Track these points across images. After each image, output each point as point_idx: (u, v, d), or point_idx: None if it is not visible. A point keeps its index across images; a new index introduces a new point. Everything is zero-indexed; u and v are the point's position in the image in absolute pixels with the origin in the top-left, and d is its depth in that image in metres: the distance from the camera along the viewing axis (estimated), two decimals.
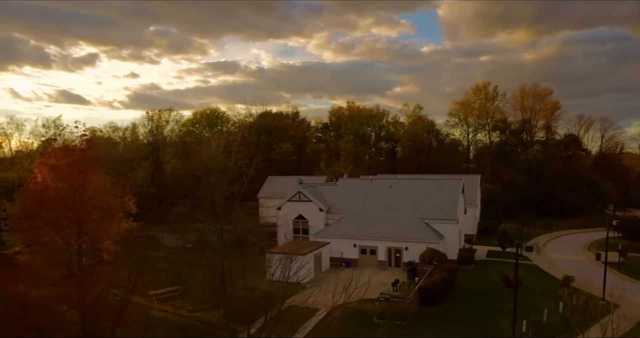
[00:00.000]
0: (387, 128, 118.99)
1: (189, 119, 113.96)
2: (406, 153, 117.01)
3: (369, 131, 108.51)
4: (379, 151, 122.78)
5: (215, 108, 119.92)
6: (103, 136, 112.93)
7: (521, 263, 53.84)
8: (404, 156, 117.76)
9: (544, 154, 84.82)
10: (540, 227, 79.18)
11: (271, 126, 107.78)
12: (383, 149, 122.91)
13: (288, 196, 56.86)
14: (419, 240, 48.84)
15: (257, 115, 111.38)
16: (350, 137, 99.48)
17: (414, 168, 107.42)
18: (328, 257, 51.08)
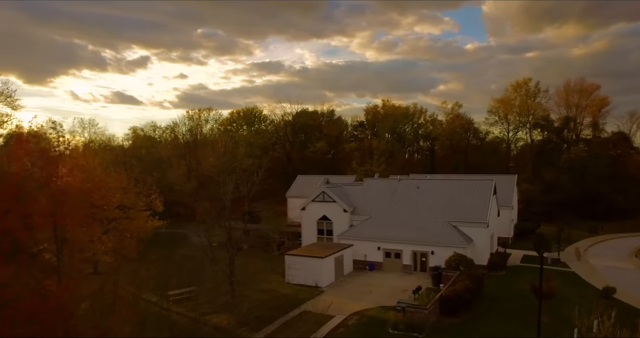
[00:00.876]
0: (425, 126, 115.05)
1: (226, 117, 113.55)
2: (444, 152, 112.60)
3: (404, 129, 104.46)
4: (418, 150, 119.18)
5: (253, 107, 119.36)
6: (144, 135, 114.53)
7: (558, 271, 49.69)
8: (443, 155, 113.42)
9: (588, 152, 78.67)
10: (584, 230, 73.60)
11: (306, 125, 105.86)
12: (421, 148, 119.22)
13: (312, 196, 54.58)
14: (445, 244, 45.50)
15: (293, 113, 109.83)
16: (384, 136, 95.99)
17: (452, 167, 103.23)
18: (351, 260, 48.48)
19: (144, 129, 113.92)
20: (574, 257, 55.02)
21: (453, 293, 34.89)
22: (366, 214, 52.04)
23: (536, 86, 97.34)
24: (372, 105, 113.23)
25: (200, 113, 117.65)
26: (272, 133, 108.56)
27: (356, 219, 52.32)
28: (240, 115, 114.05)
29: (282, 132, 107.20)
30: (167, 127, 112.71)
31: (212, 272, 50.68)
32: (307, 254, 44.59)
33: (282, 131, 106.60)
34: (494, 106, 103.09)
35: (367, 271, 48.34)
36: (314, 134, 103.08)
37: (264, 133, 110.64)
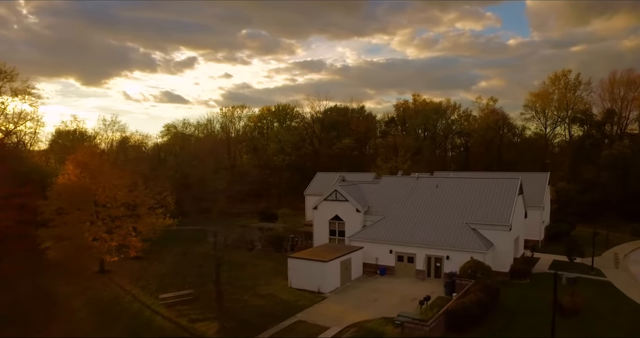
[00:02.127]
0: (460, 122, 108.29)
1: (256, 114, 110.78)
2: (478, 148, 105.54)
3: (435, 125, 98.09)
4: (453, 146, 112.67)
5: (285, 104, 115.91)
6: (177, 132, 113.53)
7: (591, 280, 43.37)
8: (476, 152, 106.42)
9: (632, 148, 70.28)
10: (626, 232, 65.83)
11: (336, 121, 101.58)
12: (456, 144, 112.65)
13: (325, 195, 50.39)
14: (462, 248, 40.33)
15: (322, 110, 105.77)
16: (414, 132, 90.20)
17: (485, 164, 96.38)
18: (361, 263, 44.08)
19: (177, 126, 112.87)
20: (612, 264, 48.38)
21: (461, 306, 29.98)
22: (380, 214, 47.42)
23: (576, 78, 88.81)
24: (402, 101, 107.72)
25: (233, 110, 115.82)
26: (302, 129, 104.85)
27: (370, 220, 47.80)
28: (270, 112, 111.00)
29: (310, 129, 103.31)
30: (198, 124, 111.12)
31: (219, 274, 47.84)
32: (310, 257, 40.53)
33: (311, 128, 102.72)
34: (530, 100, 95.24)
35: (378, 276, 43.83)
36: (342, 130, 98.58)
37: (295, 130, 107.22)
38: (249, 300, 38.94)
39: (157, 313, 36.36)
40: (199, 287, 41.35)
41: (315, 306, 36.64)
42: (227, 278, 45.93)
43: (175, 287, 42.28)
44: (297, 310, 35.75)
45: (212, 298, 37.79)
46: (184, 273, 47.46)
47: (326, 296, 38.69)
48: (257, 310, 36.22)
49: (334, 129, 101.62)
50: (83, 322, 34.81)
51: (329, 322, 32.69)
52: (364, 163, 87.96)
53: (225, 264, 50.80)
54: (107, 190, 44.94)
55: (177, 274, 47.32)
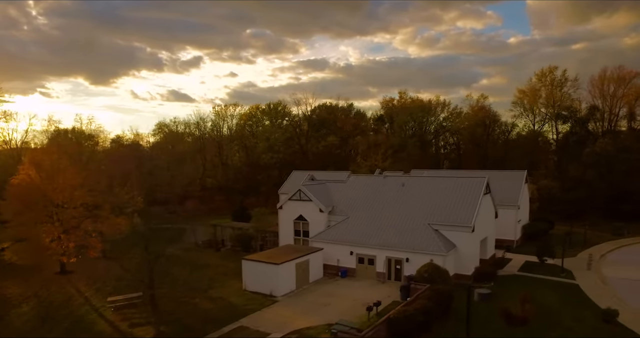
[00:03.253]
0: (452, 119, 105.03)
1: (245, 112, 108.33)
2: (467, 146, 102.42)
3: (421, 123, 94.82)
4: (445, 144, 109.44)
5: (277, 102, 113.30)
6: (169, 130, 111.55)
7: (559, 283, 40.59)
8: (466, 149, 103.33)
9: (616, 145, 66.89)
10: (609, 231, 62.71)
11: (324, 119, 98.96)
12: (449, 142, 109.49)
13: (289, 194, 48.00)
14: (421, 250, 37.78)
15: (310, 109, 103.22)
16: (399, 130, 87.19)
17: (475, 162, 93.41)
18: (321, 265, 41.66)
19: (168, 125, 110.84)
20: (585, 265, 45.47)
21: (402, 314, 27.46)
22: (344, 215, 44.98)
23: (563, 75, 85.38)
24: (388, 98, 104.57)
25: (225, 109, 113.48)
26: (290, 128, 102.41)
27: (334, 220, 45.39)
28: (260, 110, 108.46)
29: (298, 127, 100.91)
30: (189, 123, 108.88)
31: (178, 275, 45.70)
32: (263, 260, 38.18)
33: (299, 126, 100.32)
34: (518, 97, 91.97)
35: (339, 278, 41.42)
36: (329, 128, 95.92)
37: (286, 127, 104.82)
38: (198, 303, 36.75)
39: (102, 317, 34.41)
40: (160, 290, 39.23)
41: (264, 310, 34.42)
42: (185, 279, 44.02)
43: (131, 289, 40.14)
44: (243, 314, 33.57)
45: (161, 301, 36.00)
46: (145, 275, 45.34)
47: (278, 300, 36.42)
48: (203, 314, 34.07)
49: (322, 127, 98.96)
50: (24, 325, 32.99)
51: (271, 328, 30.45)
52: (348, 161, 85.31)
53: (189, 265, 49.23)
54: (63, 190, 42.80)
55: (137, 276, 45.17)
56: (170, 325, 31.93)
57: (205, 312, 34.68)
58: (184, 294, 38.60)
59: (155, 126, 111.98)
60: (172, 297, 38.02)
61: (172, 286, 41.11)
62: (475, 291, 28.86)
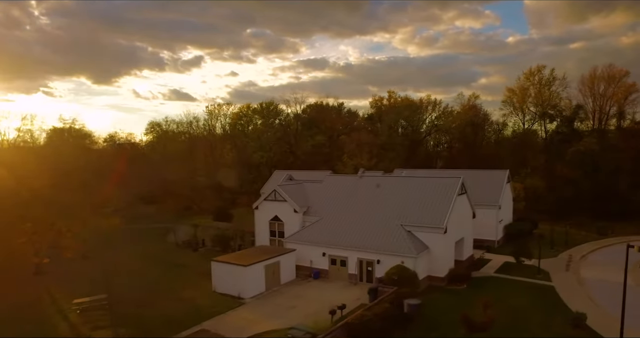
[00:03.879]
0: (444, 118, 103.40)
1: (235, 112, 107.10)
2: (457, 145, 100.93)
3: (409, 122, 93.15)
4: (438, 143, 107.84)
5: (270, 101, 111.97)
6: (162, 129, 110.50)
7: (534, 285, 39.31)
8: (457, 148, 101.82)
9: (602, 144, 65.33)
10: (593, 231, 61.32)
11: (314, 118, 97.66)
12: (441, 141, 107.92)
13: (265, 195, 46.83)
14: (392, 252, 36.56)
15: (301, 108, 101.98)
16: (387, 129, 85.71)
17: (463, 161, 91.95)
18: (293, 267, 40.50)
19: (160, 124, 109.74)
20: (564, 266, 44.20)
21: (360, 319, 26.28)
22: (318, 215, 43.79)
23: (551, 73, 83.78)
24: (377, 98, 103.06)
25: (219, 108, 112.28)
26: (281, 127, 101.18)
27: (309, 220, 44.22)
28: (252, 110, 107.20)
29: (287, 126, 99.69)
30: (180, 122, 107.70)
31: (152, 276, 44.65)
32: (231, 261, 37.04)
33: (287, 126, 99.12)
34: (507, 96, 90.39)
35: (311, 279, 40.28)
36: (319, 127, 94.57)
37: (278, 127, 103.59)
38: (166, 305, 35.61)
39: (66, 319, 33.39)
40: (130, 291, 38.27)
41: (229, 313, 33.34)
42: (158, 280, 42.96)
43: (103, 290, 39.13)
44: (208, 317, 32.53)
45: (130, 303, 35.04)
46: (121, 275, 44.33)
47: (246, 302, 35.34)
48: (167, 317, 32.96)
49: (313, 126, 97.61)
50: None
51: (232, 332, 29.38)
52: (336, 160, 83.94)
53: (165, 265, 48.16)
54: (33, 189, 41.75)
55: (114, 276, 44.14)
56: (132, 327, 30.86)
57: (171, 314, 33.57)
58: (154, 295, 37.54)
59: (147, 125, 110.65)
60: (141, 298, 36.91)
61: (144, 287, 40.02)
62: (405, 302, 27.66)
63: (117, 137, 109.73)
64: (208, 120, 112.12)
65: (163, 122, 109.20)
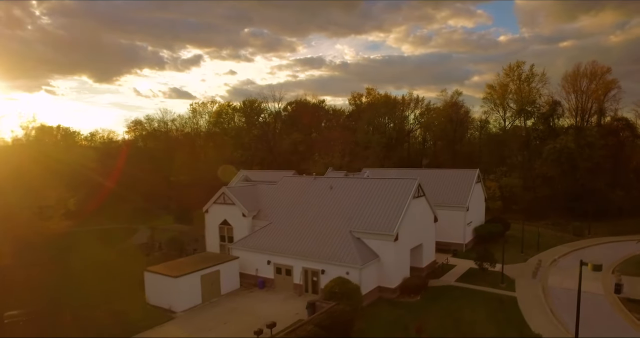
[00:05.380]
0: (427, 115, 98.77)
1: (216, 110, 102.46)
2: (438, 142, 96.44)
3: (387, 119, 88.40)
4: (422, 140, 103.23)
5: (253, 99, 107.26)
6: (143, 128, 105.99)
7: (495, 296, 34.97)
8: (438, 146, 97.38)
9: (578, 142, 60.82)
10: (569, 231, 56.99)
11: (293, 116, 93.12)
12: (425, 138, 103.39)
13: (214, 197, 42.54)
14: (337, 262, 32.25)
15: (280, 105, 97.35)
16: (362, 126, 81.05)
17: (444, 159, 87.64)
18: (236, 275, 36.23)
19: (142, 122, 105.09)
20: (531, 273, 39.88)
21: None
22: (268, 219, 39.49)
23: (530, 70, 79.05)
24: (356, 94, 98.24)
25: (203, 106, 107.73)
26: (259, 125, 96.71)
27: (259, 225, 39.91)
28: (232, 108, 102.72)
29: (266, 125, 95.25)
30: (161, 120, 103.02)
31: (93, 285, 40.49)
32: (162, 272, 32.79)
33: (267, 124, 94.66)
34: (487, 92, 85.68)
35: (256, 289, 36.01)
36: (297, 125, 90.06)
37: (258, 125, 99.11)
38: (95, 318, 31.65)
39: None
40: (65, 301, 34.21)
41: (155, 329, 29.39)
42: (95, 289, 38.75)
43: (42, 302, 35.01)
44: (135, 332, 28.84)
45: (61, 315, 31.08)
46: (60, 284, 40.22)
47: (176, 316, 31.18)
48: (94, 331, 29.17)
49: (293, 124, 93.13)
50: None
51: None
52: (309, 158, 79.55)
53: (111, 272, 43.87)
54: None
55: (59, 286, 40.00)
56: None
57: (99, 328, 29.71)
58: (87, 306, 33.45)
59: (130, 123, 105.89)
60: (73, 310, 32.80)
61: (79, 298, 35.84)
62: None
63: (98, 136, 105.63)
64: (192, 118, 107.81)
65: (144, 120, 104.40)
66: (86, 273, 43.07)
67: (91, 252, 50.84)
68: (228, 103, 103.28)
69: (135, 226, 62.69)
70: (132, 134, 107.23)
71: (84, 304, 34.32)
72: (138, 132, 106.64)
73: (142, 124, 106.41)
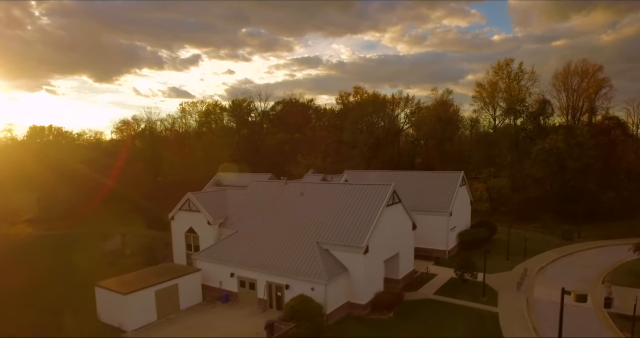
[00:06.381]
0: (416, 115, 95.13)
1: (202, 110, 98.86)
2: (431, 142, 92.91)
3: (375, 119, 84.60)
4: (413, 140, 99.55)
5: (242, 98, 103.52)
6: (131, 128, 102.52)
7: (475, 311, 31.72)
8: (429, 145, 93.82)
9: (568, 142, 57.34)
10: (558, 235, 53.62)
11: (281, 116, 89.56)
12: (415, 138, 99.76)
13: (180, 203, 39.16)
14: (301, 276, 28.93)
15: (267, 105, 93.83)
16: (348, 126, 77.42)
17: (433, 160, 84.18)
18: (198, 288, 32.97)
19: (128, 122, 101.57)
20: (515, 283, 36.50)
21: None
22: (234, 228, 36.16)
23: (519, 67, 75.57)
24: (344, 93, 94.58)
25: (192, 106, 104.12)
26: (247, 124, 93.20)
27: (225, 233, 36.58)
28: (220, 107, 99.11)
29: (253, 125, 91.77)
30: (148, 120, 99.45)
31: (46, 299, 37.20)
32: (111, 287, 29.45)
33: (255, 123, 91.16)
34: (477, 91, 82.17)
35: (219, 303, 32.73)
36: (285, 125, 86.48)
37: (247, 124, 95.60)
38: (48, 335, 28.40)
39: None
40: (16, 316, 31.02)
41: None
42: (49, 303, 35.45)
43: None
44: None
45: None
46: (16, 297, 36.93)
47: (126, 335, 27.91)
48: None
49: (280, 123, 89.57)
50: None
51: None
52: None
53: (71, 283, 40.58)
54: None
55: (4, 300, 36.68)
56: None
57: None
58: (35, 325, 30.17)
59: (119, 123, 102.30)
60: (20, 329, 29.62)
61: (29, 314, 32.58)
62: None
63: (84, 137, 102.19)
64: (182, 117, 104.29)
65: (132, 120, 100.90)
66: (42, 285, 39.73)
67: (60, 258, 47.59)
68: (216, 102, 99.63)
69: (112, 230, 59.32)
70: (119, 134, 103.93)
71: (31, 321, 31.21)
72: (126, 132, 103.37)
73: (129, 124, 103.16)
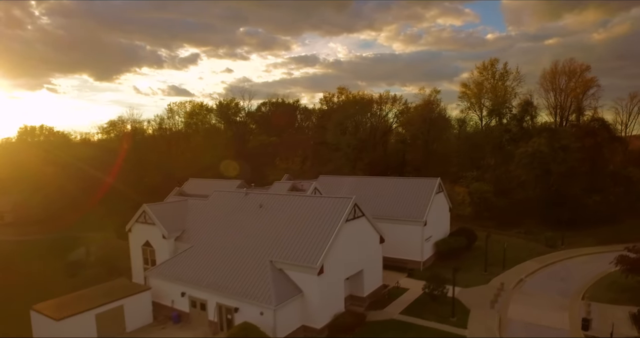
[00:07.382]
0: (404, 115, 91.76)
1: (187, 111, 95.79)
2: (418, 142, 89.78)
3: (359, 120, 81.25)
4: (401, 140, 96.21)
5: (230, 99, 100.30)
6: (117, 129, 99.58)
7: (443, 334, 28.96)
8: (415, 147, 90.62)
9: (552, 145, 54.17)
10: (541, 241, 50.66)
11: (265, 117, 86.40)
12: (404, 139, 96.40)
13: (136, 215, 36.24)
14: (251, 299, 26.06)
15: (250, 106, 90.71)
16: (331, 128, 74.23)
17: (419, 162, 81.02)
18: (148, 308, 30.20)
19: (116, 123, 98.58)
20: (489, 300, 33.57)
21: None
22: (190, 243, 33.29)
23: (504, 67, 72.51)
24: (328, 94, 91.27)
25: (180, 106, 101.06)
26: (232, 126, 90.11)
27: (182, 248, 33.69)
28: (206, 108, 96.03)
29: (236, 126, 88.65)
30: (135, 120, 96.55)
31: None
32: (46, 312, 26.62)
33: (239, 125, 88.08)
34: (462, 91, 78.94)
35: (170, 324, 29.94)
36: (271, 126, 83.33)
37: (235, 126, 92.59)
38: None
39: None
40: None
41: None
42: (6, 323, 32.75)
43: None
44: None
45: None
46: None
47: None
48: None
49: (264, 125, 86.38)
50: None
51: None
52: None
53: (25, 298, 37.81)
54: None
55: None
56: None
57: None
58: None
59: (106, 124, 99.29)
60: None
61: None
62: None
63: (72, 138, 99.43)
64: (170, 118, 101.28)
65: (118, 121, 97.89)
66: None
67: (16, 270, 44.79)
68: (201, 103, 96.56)
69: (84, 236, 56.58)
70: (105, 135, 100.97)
71: None
72: (113, 133, 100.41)
73: (115, 125, 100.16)
